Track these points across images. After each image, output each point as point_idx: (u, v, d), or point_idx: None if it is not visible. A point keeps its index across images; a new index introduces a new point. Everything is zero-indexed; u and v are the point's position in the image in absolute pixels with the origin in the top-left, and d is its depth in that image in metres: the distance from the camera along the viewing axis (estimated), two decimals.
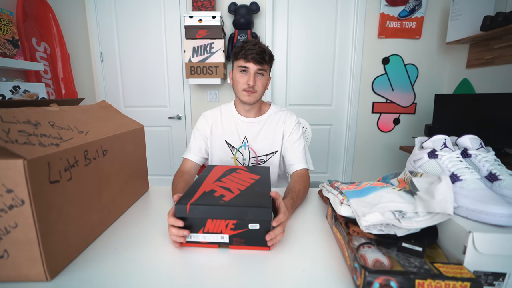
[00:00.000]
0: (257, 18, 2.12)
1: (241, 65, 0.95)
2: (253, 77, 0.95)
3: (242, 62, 0.94)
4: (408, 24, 2.13)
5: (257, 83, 0.96)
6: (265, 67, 0.96)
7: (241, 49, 0.94)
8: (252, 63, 0.93)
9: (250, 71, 0.95)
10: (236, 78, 0.98)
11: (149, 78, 2.28)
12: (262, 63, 0.94)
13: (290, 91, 2.31)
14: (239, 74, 0.97)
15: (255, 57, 0.92)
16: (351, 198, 0.59)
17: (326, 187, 0.78)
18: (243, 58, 0.94)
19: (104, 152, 0.62)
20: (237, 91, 1.00)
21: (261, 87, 0.98)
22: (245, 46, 0.93)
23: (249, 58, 0.92)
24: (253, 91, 0.96)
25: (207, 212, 0.55)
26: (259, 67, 0.94)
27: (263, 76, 0.98)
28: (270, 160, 1.07)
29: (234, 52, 0.98)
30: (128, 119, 0.83)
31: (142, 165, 0.86)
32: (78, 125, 0.60)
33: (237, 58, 0.96)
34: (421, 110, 2.30)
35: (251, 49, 0.92)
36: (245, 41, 0.96)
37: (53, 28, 1.74)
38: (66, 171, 0.49)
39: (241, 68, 0.96)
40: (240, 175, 0.74)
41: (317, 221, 0.71)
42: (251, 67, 0.94)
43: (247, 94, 0.97)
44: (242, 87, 0.97)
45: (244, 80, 0.96)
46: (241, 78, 0.97)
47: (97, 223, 0.60)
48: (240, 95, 0.99)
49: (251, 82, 0.94)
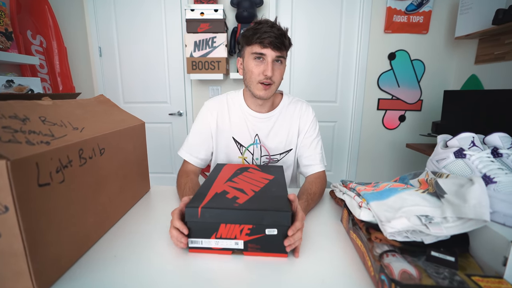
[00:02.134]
0: (260, 11, 2.06)
1: (256, 51, 0.79)
2: (271, 66, 0.79)
3: (258, 47, 0.79)
4: (415, 19, 2.06)
5: (275, 73, 0.81)
6: (284, 54, 0.81)
7: (254, 32, 0.78)
8: (270, 49, 0.78)
9: (268, 59, 0.79)
10: (249, 67, 0.82)
11: (149, 73, 2.22)
12: (281, 49, 0.79)
13: (294, 87, 2.25)
14: (253, 63, 0.81)
15: (274, 42, 0.77)
16: (371, 201, 0.54)
17: (340, 188, 0.73)
18: (258, 43, 0.78)
19: (102, 150, 0.57)
20: (251, 83, 0.84)
21: (279, 77, 0.84)
22: (260, 28, 0.78)
23: (266, 43, 0.77)
24: (270, 82, 0.82)
25: (220, 216, 0.50)
26: (278, 54, 0.79)
27: (282, 64, 0.83)
28: (284, 159, 0.96)
29: (245, 35, 0.81)
30: (128, 114, 0.78)
31: (143, 164, 0.81)
32: (72, 121, 0.55)
33: (250, 43, 0.80)
34: (427, 107, 2.25)
35: (267, 32, 0.76)
36: (258, 22, 0.80)
37: (49, 21, 1.68)
38: (58, 172, 0.43)
39: (255, 55, 0.80)
40: (252, 175, 0.69)
41: (332, 224, 0.66)
42: (268, 53, 0.78)
43: (263, 88, 0.82)
44: (257, 79, 0.82)
45: (260, 69, 0.81)
46: (256, 68, 0.81)
47: (93, 228, 0.55)
48: (255, 88, 0.84)
49: (269, 72, 0.79)
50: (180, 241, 0.51)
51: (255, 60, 0.81)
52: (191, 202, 0.52)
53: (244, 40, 0.83)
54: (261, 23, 0.79)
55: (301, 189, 0.79)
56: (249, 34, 0.80)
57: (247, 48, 0.83)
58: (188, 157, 0.92)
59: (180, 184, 0.81)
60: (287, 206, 0.51)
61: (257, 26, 0.79)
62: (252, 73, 0.82)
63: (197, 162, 0.93)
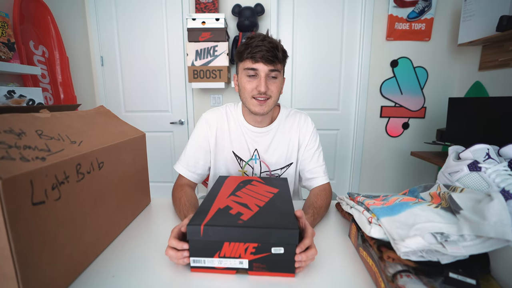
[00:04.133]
0: (261, 20, 2.06)
1: (248, 67, 0.76)
2: (264, 81, 0.76)
3: (249, 63, 0.76)
4: (417, 26, 2.06)
5: (270, 87, 0.78)
6: (278, 67, 0.77)
7: (246, 47, 0.75)
8: (262, 64, 0.75)
9: (260, 74, 0.76)
10: (243, 84, 0.80)
11: (150, 82, 2.22)
12: (275, 62, 0.75)
13: (296, 95, 2.24)
14: (246, 79, 0.79)
15: (265, 56, 0.73)
16: (381, 217, 0.51)
17: (347, 201, 0.70)
18: (250, 58, 0.75)
19: (100, 164, 0.55)
20: (245, 99, 0.81)
21: (276, 92, 0.80)
22: (251, 42, 0.75)
23: (258, 57, 0.74)
24: (266, 97, 0.78)
25: (224, 234, 0.47)
26: (271, 68, 0.76)
27: (277, 79, 0.79)
28: (284, 174, 0.93)
29: (238, 51, 0.79)
30: (128, 126, 0.76)
31: (143, 177, 0.79)
32: (71, 134, 0.53)
33: (242, 59, 0.78)
34: (431, 114, 2.22)
35: (259, 46, 0.73)
36: (250, 36, 0.76)
37: (52, 31, 1.69)
38: (54, 189, 0.41)
39: (248, 71, 0.77)
40: (256, 188, 0.67)
41: (339, 239, 0.63)
42: (260, 68, 0.76)
43: (258, 103, 0.79)
44: (251, 94, 0.79)
45: (253, 85, 0.78)
46: (249, 84, 0.78)
47: (90, 247, 0.53)
48: (250, 104, 0.81)
49: (262, 88, 0.76)
50: (179, 258, 0.49)
51: (247, 76, 0.79)
52: (193, 219, 0.50)
53: (237, 56, 0.81)
54: (253, 38, 0.76)
55: (306, 202, 0.76)
56: (241, 49, 0.78)
57: (240, 64, 0.80)
58: (184, 172, 0.88)
59: (175, 198, 0.78)
60: (294, 223, 0.48)
61: (248, 41, 0.76)
62: (246, 90, 0.80)
63: (193, 178, 0.89)
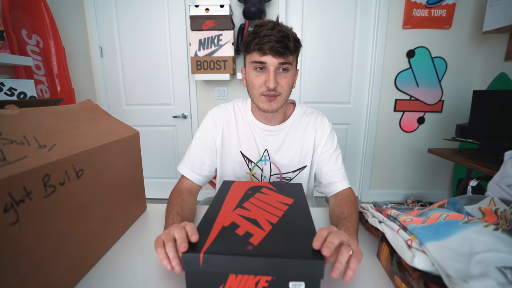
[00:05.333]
0: (269, 7, 1.93)
1: (255, 60, 0.68)
2: (273, 76, 0.68)
3: (257, 55, 0.68)
4: (437, 12, 1.91)
5: (280, 83, 0.70)
6: (289, 59, 0.68)
7: (253, 37, 0.67)
8: (271, 56, 0.66)
9: (269, 68, 0.68)
10: (250, 79, 0.72)
11: (152, 74, 2.11)
12: (285, 54, 0.67)
13: (305, 87, 2.12)
14: (253, 73, 0.70)
15: (274, 47, 0.65)
16: (426, 242, 0.41)
17: (372, 212, 0.60)
18: (257, 50, 0.67)
19: (79, 172, 0.45)
20: (254, 96, 0.74)
21: (287, 87, 0.71)
22: (259, 31, 0.66)
23: (266, 49, 0.66)
24: (275, 94, 0.70)
25: (230, 264, 0.37)
26: (282, 60, 0.67)
27: (288, 72, 0.70)
28: (296, 178, 0.84)
29: (245, 41, 0.70)
30: (119, 123, 0.67)
31: (137, 182, 0.69)
32: (41, 135, 0.43)
33: (249, 51, 0.70)
34: (449, 108, 2.09)
35: (267, 36, 0.65)
36: (258, 24, 0.68)
37: (46, 19, 1.59)
38: (8, 212, 0.32)
39: (255, 65, 0.69)
40: (267, 198, 0.57)
41: (366, 259, 0.53)
42: (269, 61, 0.67)
43: (267, 100, 0.71)
44: (259, 91, 0.71)
45: (261, 80, 0.70)
46: (257, 79, 0.70)
47: (67, 274, 0.43)
48: (258, 101, 0.73)
49: (271, 83, 0.68)
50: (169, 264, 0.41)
51: (255, 70, 0.70)
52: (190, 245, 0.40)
53: (244, 47, 0.72)
54: (261, 26, 0.67)
55: (332, 217, 0.66)
56: (248, 39, 0.69)
57: (247, 57, 0.72)
58: (189, 173, 0.80)
59: (169, 204, 0.67)
60: (318, 250, 0.38)
61: (256, 29, 0.67)
62: (254, 86, 0.72)
63: (198, 180, 0.81)
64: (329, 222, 0.69)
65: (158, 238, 0.44)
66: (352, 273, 0.40)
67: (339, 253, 0.40)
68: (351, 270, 0.40)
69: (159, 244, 0.43)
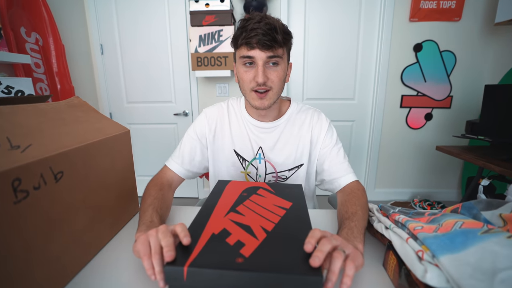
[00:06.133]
0: (270, 1, 1.87)
1: (243, 54, 0.67)
2: (261, 70, 0.66)
3: (245, 50, 0.66)
4: (446, 4, 1.83)
5: (270, 77, 0.67)
6: (279, 52, 0.66)
7: (241, 31, 0.65)
8: (259, 50, 0.65)
9: (258, 62, 0.66)
10: (240, 75, 0.70)
11: (153, 71, 2.08)
12: (274, 47, 0.65)
13: (308, 83, 2.06)
14: (242, 69, 0.69)
15: (262, 40, 0.63)
16: (440, 255, 0.36)
17: (378, 217, 0.55)
18: (245, 44, 0.65)
19: (58, 175, 0.42)
20: (245, 92, 0.72)
21: (278, 82, 0.69)
22: (247, 25, 0.64)
23: (253, 43, 0.64)
24: (266, 88, 0.68)
25: (217, 279, 0.33)
26: (270, 54, 0.65)
27: (278, 66, 0.68)
28: (293, 176, 0.81)
29: (234, 36, 0.69)
30: (108, 121, 0.63)
31: (128, 183, 0.66)
32: (15, 135, 0.40)
33: (237, 46, 0.68)
34: (458, 103, 2.01)
35: (254, 30, 0.63)
36: (246, 18, 0.66)
37: (45, 16, 1.56)
38: None
39: (244, 60, 0.68)
40: (263, 200, 0.53)
41: (370, 267, 0.48)
42: (257, 55, 0.65)
43: (257, 97, 0.69)
44: (249, 86, 0.69)
45: (251, 76, 0.68)
46: (246, 74, 0.68)
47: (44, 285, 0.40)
48: (249, 97, 0.71)
49: (260, 78, 0.66)
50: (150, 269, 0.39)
51: (244, 65, 0.69)
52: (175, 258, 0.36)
53: (233, 43, 0.71)
54: (249, 20, 0.65)
55: (338, 216, 0.63)
56: (237, 34, 0.67)
57: (236, 52, 0.71)
58: (177, 168, 0.78)
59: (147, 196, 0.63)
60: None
61: (244, 23, 0.66)
62: (244, 81, 0.70)
63: (184, 173, 0.79)
64: (331, 225, 0.65)
65: (143, 244, 0.41)
66: (349, 281, 0.36)
67: (331, 260, 0.36)
68: (347, 277, 0.36)
69: (146, 252, 0.39)
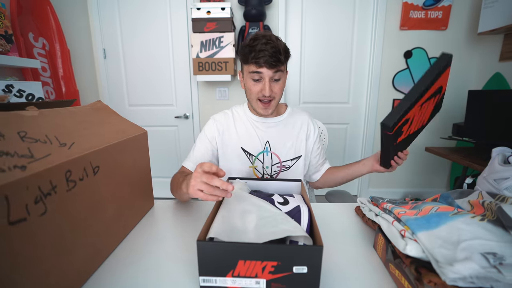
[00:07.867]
0: (269, 9, 1.96)
1: (252, 70, 0.80)
2: (268, 85, 0.80)
3: (254, 67, 0.79)
4: (433, 14, 1.95)
5: (274, 90, 0.83)
6: (281, 68, 0.81)
7: (250, 50, 0.78)
8: (266, 68, 0.78)
9: (265, 78, 0.80)
10: (248, 86, 0.85)
11: (154, 75, 2.15)
12: (278, 65, 0.79)
13: (304, 88, 2.16)
14: (251, 82, 0.83)
15: (269, 61, 0.77)
16: (418, 231, 0.44)
17: (369, 206, 0.63)
18: (254, 62, 0.78)
19: (95, 169, 0.49)
20: (251, 100, 0.87)
21: (279, 93, 0.85)
22: (255, 45, 0.77)
23: (262, 62, 0.77)
24: (270, 98, 0.84)
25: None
26: (275, 70, 0.79)
27: (280, 80, 0.83)
28: (294, 167, 0.95)
29: (243, 53, 0.82)
30: (128, 123, 0.70)
31: (146, 179, 0.73)
32: (60, 134, 0.46)
33: (247, 62, 0.81)
34: (445, 107, 2.10)
35: (262, 51, 0.76)
36: (253, 38, 0.79)
37: (52, 22, 1.62)
38: (38, 203, 0.35)
39: (253, 75, 0.81)
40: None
41: (363, 250, 0.56)
42: (265, 73, 0.79)
43: (262, 106, 0.85)
44: (256, 96, 0.84)
45: (258, 88, 0.83)
46: (254, 87, 0.83)
47: (83, 265, 0.47)
48: (255, 105, 0.87)
49: (267, 92, 0.81)
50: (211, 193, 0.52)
51: (253, 80, 0.83)
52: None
53: (241, 58, 0.84)
54: (256, 39, 0.78)
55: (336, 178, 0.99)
56: (245, 52, 0.80)
57: (245, 67, 0.84)
58: (192, 166, 0.90)
59: (176, 180, 0.75)
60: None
61: (252, 43, 0.79)
62: (251, 92, 0.84)
63: None
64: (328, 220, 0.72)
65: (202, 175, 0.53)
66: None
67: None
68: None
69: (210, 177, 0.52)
